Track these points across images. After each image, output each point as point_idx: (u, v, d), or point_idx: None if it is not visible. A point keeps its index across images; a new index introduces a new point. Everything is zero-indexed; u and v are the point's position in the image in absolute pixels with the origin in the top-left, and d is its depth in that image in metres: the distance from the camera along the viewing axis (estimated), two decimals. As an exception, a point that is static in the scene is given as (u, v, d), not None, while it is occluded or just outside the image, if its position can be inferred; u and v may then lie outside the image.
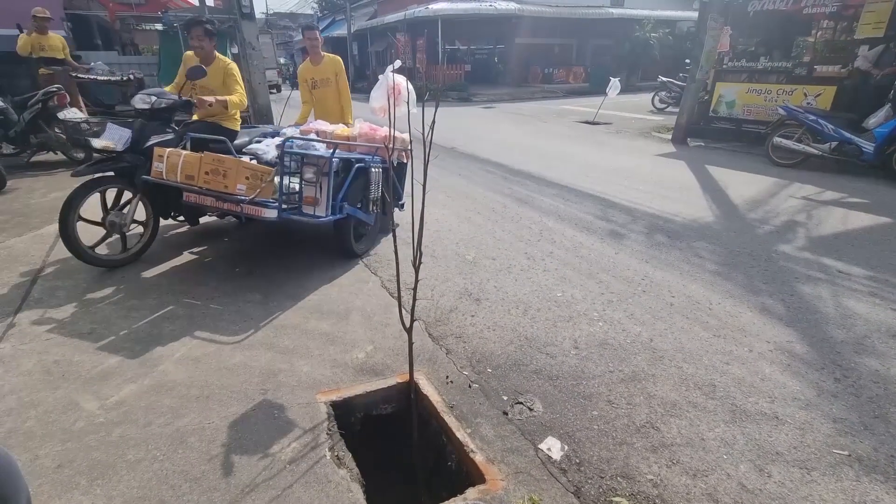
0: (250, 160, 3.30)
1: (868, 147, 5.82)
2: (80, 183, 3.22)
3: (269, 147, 3.60)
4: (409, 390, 2.16)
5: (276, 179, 3.09)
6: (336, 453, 1.88)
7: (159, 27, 10.53)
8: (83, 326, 2.72)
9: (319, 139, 3.48)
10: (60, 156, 6.55)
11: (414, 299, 2.00)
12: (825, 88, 7.15)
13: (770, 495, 1.70)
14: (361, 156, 3.51)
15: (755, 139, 7.85)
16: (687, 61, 11.19)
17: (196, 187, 3.06)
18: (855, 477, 1.77)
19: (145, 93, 3.51)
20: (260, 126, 4.87)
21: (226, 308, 2.96)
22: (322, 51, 4.62)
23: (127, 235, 3.53)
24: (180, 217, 3.76)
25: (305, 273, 3.48)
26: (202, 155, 3.07)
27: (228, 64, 3.76)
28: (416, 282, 1.94)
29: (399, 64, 2.78)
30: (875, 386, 2.27)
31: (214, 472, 1.76)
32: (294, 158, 3.10)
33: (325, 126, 3.94)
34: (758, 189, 5.65)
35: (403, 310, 2.17)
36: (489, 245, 4.03)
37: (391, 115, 2.00)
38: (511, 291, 3.22)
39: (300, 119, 4.56)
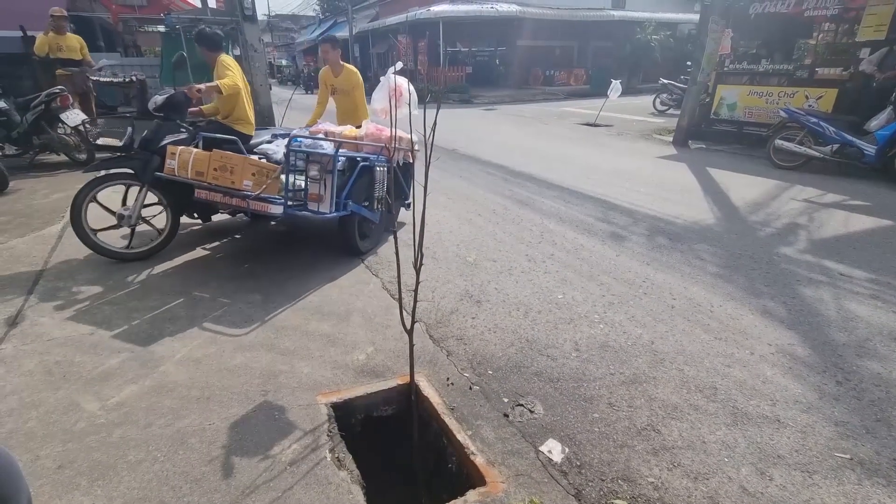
0: (260, 159, 3.41)
1: (870, 150, 5.81)
2: (87, 182, 3.36)
3: (279, 147, 3.70)
4: (410, 392, 2.16)
5: (283, 177, 3.17)
6: (336, 455, 1.88)
7: (161, 29, 10.57)
8: (84, 327, 2.72)
9: (326, 138, 3.55)
10: (63, 157, 6.56)
11: (415, 301, 2.00)
12: (826, 91, 7.15)
13: (771, 499, 1.69)
14: (366, 155, 3.58)
15: (756, 142, 7.84)
16: (688, 64, 11.19)
17: (205, 183, 3.19)
18: (857, 480, 1.77)
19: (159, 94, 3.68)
20: (271, 128, 4.95)
21: (227, 309, 2.97)
22: (342, 61, 4.71)
23: (136, 230, 3.65)
24: (194, 215, 3.90)
25: (306, 274, 3.48)
26: (211, 152, 3.21)
27: (221, 56, 3.84)
28: (418, 283, 1.94)
29: (401, 66, 2.79)
30: (877, 389, 2.26)
31: (215, 474, 1.76)
32: (299, 156, 3.17)
33: (334, 127, 4.04)
34: (759, 191, 5.64)
35: (404, 311, 2.17)
36: (490, 247, 4.03)
37: (392, 117, 2.01)
38: (512, 293, 3.22)
39: (311, 120, 4.65)
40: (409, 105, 2.50)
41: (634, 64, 21.06)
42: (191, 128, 3.73)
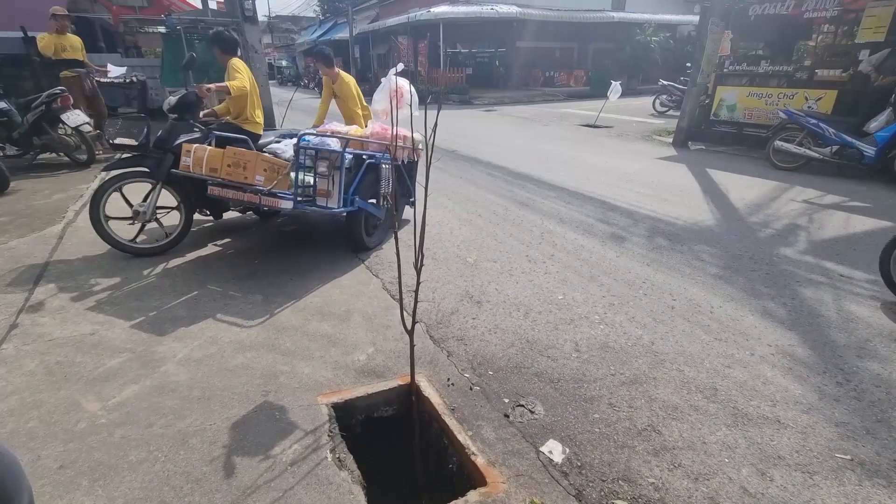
0: None
1: (869, 151, 5.82)
2: (110, 176, 3.55)
3: (288, 147, 3.80)
4: (411, 392, 2.16)
5: (292, 174, 3.28)
6: (337, 455, 1.88)
7: (162, 30, 10.57)
8: (85, 327, 2.73)
9: (333, 136, 3.62)
10: (63, 157, 6.56)
11: (416, 301, 2.00)
12: (826, 92, 7.16)
13: (772, 499, 1.69)
14: (372, 153, 3.70)
15: (756, 143, 7.85)
16: (688, 65, 11.19)
17: (219, 179, 3.33)
18: (857, 481, 1.77)
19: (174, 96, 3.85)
20: (279, 128, 5.02)
21: (228, 309, 2.97)
22: (337, 69, 4.79)
23: (148, 226, 3.78)
24: (206, 212, 4.04)
25: (307, 275, 3.49)
26: (224, 149, 3.38)
27: (232, 60, 4.01)
28: (418, 284, 1.95)
29: (402, 67, 2.81)
30: (877, 390, 2.26)
31: (216, 474, 1.76)
32: (308, 153, 3.27)
33: (341, 127, 4.14)
34: (759, 192, 5.65)
35: (405, 312, 2.17)
36: (490, 248, 4.04)
37: (394, 118, 2.02)
38: (512, 294, 3.22)
39: (318, 121, 4.75)
40: (411, 106, 2.51)
41: (634, 65, 21.08)
42: (203, 128, 3.88)
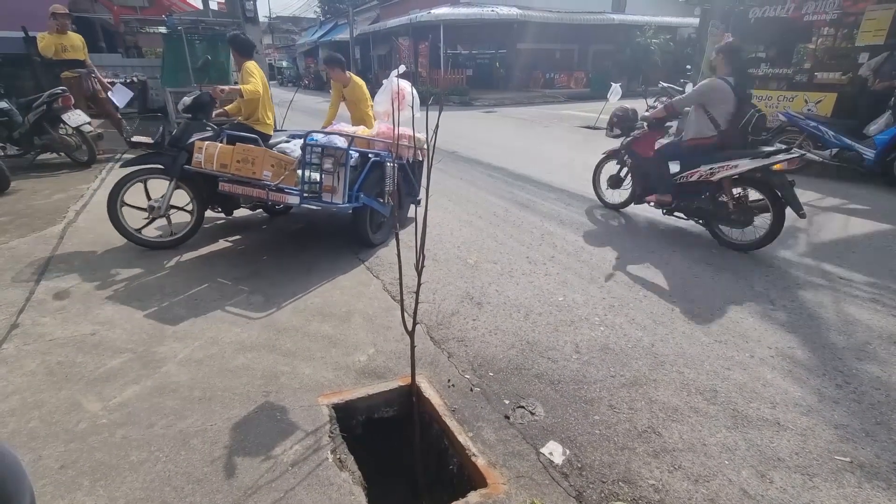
0: None
1: (869, 154, 5.83)
2: (126, 173, 3.68)
3: (296, 146, 3.89)
4: (411, 393, 2.16)
5: (299, 172, 3.38)
6: (338, 456, 1.88)
7: (163, 30, 10.57)
8: (86, 327, 2.73)
9: (339, 134, 3.73)
10: (64, 157, 6.56)
11: (416, 302, 2.00)
12: (826, 95, 7.17)
13: (772, 501, 1.70)
14: (378, 151, 3.78)
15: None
16: (688, 67, 11.23)
17: (229, 174, 3.46)
18: (857, 483, 1.78)
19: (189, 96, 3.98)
20: (288, 129, 5.07)
21: (228, 310, 2.97)
22: (347, 72, 4.80)
23: (162, 220, 3.90)
24: (218, 208, 4.17)
25: (307, 275, 3.49)
26: (234, 146, 3.52)
27: (247, 63, 4.13)
28: (419, 285, 1.95)
29: (403, 69, 2.83)
30: (876, 392, 2.27)
31: (217, 474, 1.76)
32: (314, 150, 3.35)
33: (348, 127, 4.25)
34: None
35: (405, 313, 2.18)
36: (491, 249, 4.04)
37: (395, 119, 2.02)
38: (512, 295, 3.23)
39: (326, 122, 4.82)
40: (412, 107, 2.52)
41: (634, 67, 21.10)
42: (216, 127, 4.02)
